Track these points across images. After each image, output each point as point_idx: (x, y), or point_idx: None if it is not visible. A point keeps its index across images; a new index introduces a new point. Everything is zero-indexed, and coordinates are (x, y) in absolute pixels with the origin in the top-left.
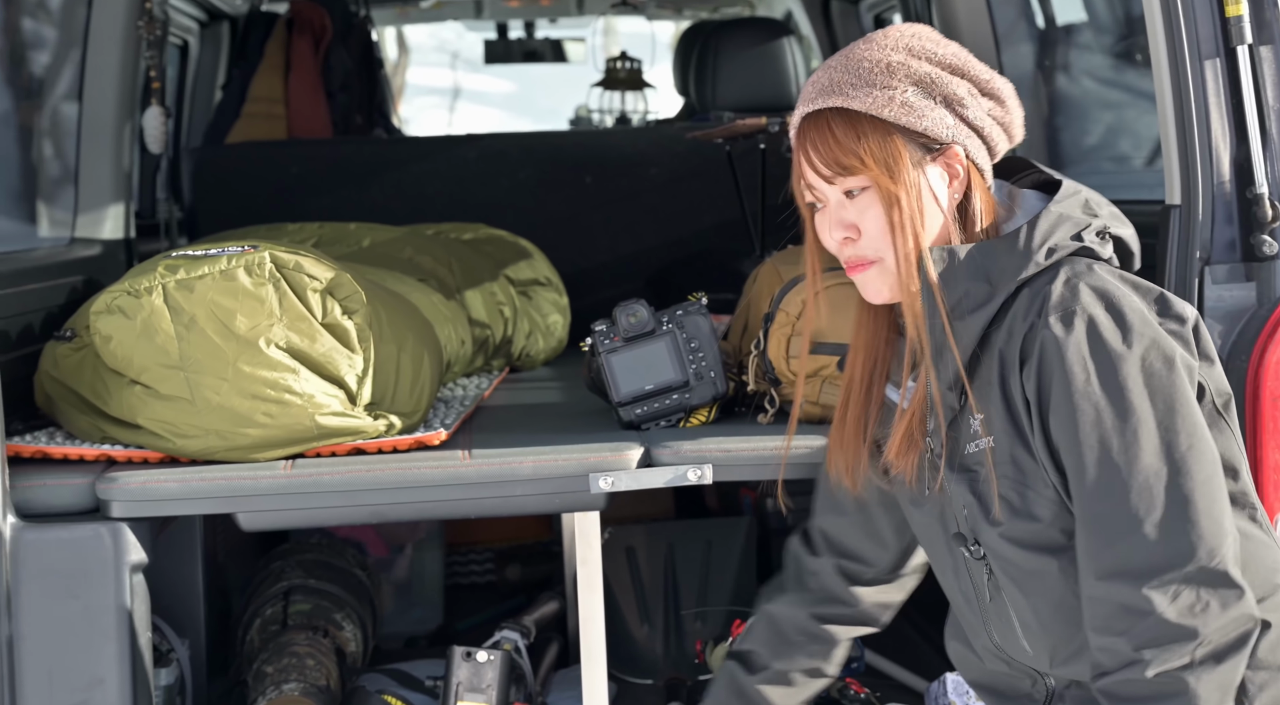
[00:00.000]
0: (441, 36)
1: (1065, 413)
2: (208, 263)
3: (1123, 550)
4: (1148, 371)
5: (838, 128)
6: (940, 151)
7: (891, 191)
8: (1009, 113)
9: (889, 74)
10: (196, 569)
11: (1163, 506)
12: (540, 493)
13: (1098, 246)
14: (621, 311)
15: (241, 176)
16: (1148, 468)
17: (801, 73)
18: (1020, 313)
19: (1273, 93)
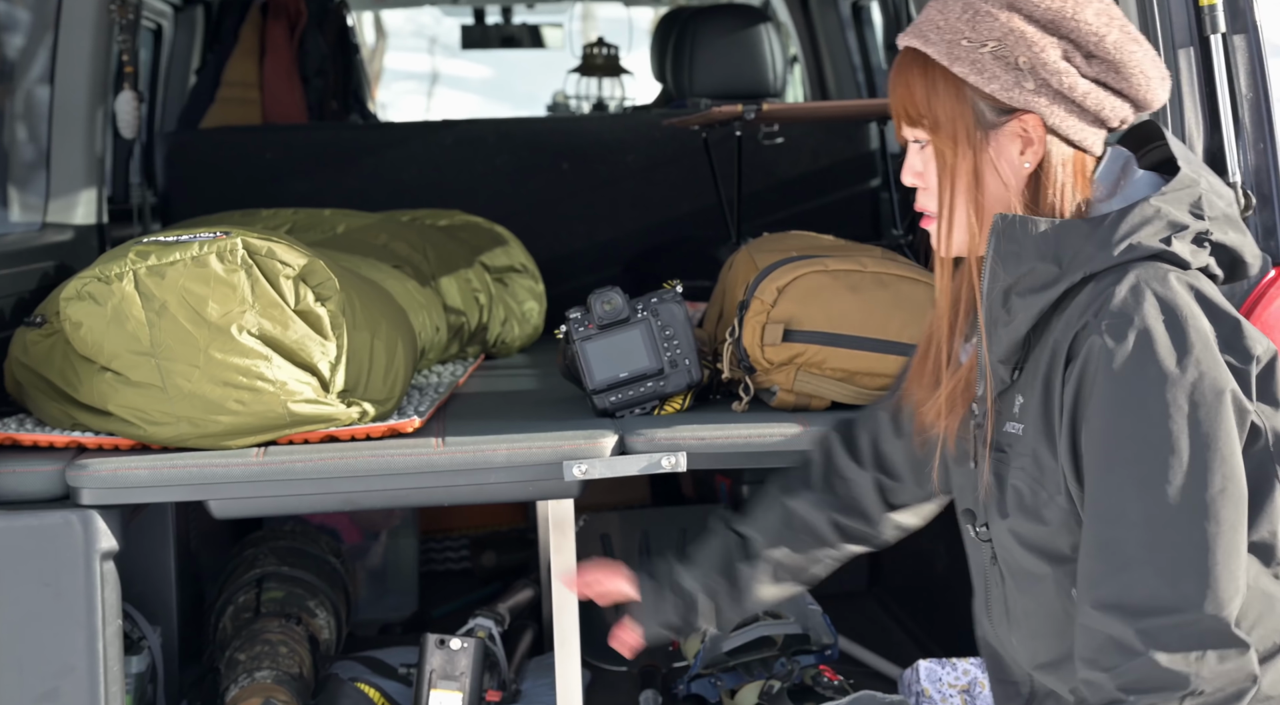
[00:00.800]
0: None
1: (1098, 426)
2: (179, 249)
3: (1126, 582)
4: (1194, 401)
5: (913, 74)
6: (1014, 116)
7: (945, 151)
8: (1127, 78)
9: (973, 25)
10: (169, 556)
11: (1178, 546)
12: (514, 480)
13: (1188, 254)
14: (596, 299)
15: (216, 162)
16: (1172, 503)
17: (778, 59)
18: (1080, 307)
19: (1245, 82)
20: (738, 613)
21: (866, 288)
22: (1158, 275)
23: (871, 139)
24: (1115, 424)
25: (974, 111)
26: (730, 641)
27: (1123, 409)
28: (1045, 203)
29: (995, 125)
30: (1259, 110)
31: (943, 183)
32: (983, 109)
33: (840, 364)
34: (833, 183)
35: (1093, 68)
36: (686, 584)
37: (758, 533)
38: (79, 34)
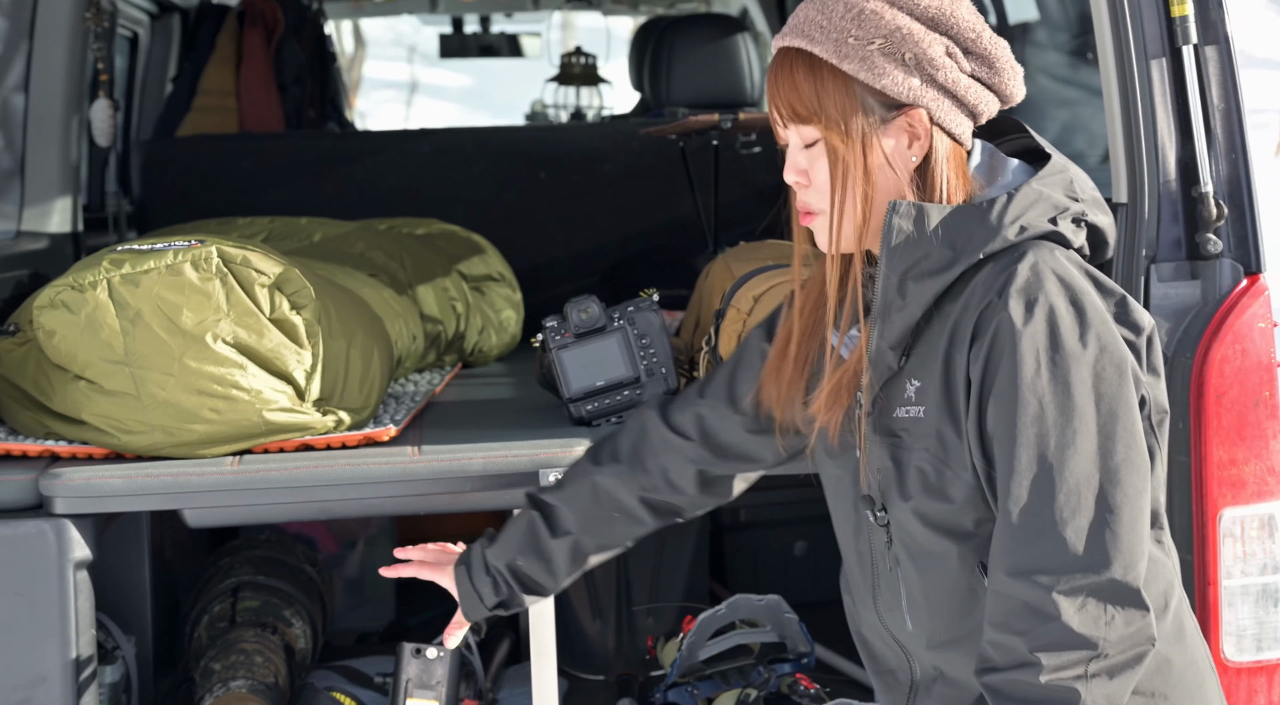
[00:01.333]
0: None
1: (1007, 401)
2: (154, 257)
3: (1039, 550)
4: (1098, 374)
5: (799, 73)
6: (901, 111)
7: (838, 148)
8: (999, 74)
9: (858, 23)
10: (143, 565)
11: (1088, 513)
12: (490, 488)
13: (1070, 233)
14: (573, 307)
15: (192, 170)
16: (1080, 471)
17: (756, 69)
18: (980, 287)
19: (1217, 92)
20: (554, 585)
21: None
22: (1052, 255)
23: None
24: (1024, 398)
25: (864, 107)
26: (707, 650)
27: (1032, 383)
28: (933, 195)
29: (885, 120)
30: (1230, 121)
31: (834, 179)
32: (872, 105)
33: None
34: None
35: (970, 63)
36: (495, 564)
37: (562, 505)
38: (54, 42)
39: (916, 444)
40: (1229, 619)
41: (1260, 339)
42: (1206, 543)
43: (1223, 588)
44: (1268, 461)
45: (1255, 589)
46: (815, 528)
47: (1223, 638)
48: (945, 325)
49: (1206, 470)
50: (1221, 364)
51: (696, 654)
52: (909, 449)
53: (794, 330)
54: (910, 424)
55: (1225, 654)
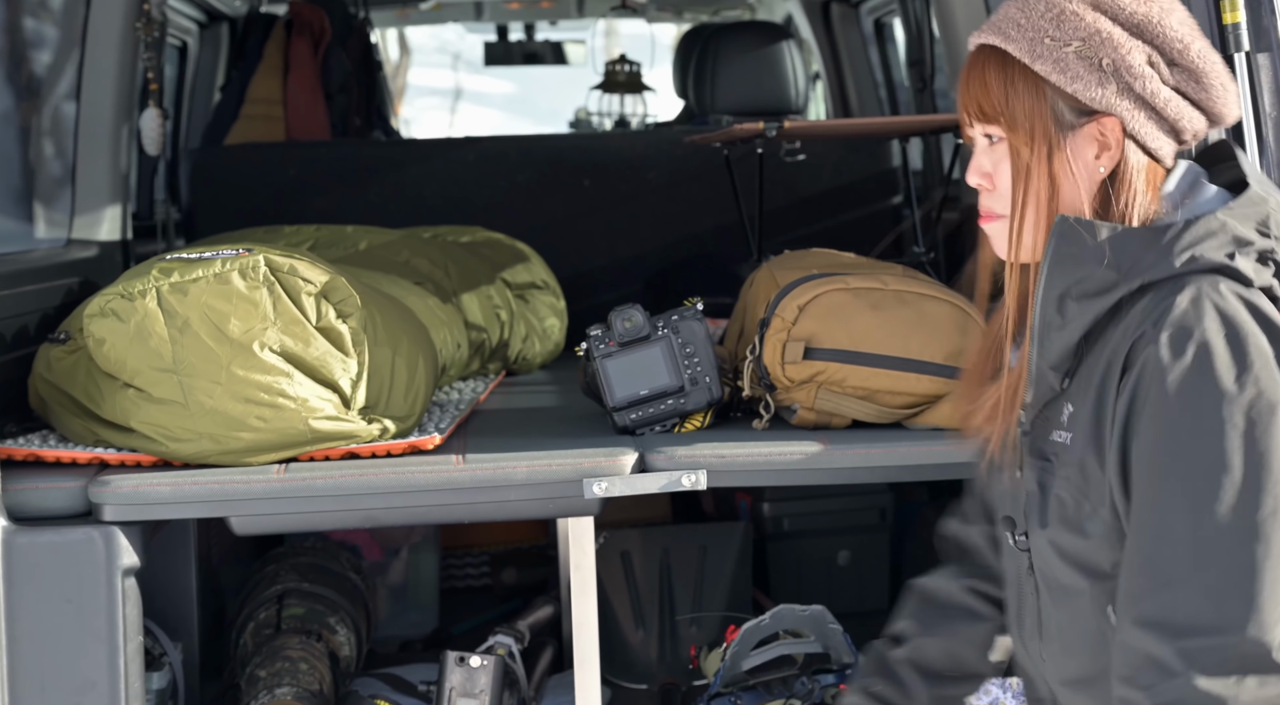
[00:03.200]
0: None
1: (1150, 439)
2: (202, 266)
3: (1168, 600)
4: (1251, 420)
5: (991, 70)
6: (1093, 118)
7: (1021, 150)
8: (1206, 90)
9: (1058, 24)
10: (190, 572)
11: (1225, 567)
12: (534, 498)
13: (1250, 270)
14: (617, 316)
15: (239, 178)
16: (1221, 522)
17: (800, 76)
18: (1138, 315)
19: (1269, 100)
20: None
21: (888, 305)
22: (1218, 289)
23: (894, 156)
24: (1168, 438)
25: (1053, 111)
26: (750, 660)
27: (1177, 423)
28: (1116, 210)
29: (1073, 126)
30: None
31: (1016, 182)
32: (1062, 109)
33: (861, 382)
34: (855, 200)
35: (1174, 76)
36: (849, 700)
37: (902, 621)
38: (104, 51)
39: (1060, 471)
40: None
41: None
42: None
43: None
44: None
45: None
46: (859, 537)
47: None
48: (1104, 352)
49: None
50: None
51: (740, 664)
52: (1054, 475)
53: (980, 344)
54: (1060, 449)
55: None
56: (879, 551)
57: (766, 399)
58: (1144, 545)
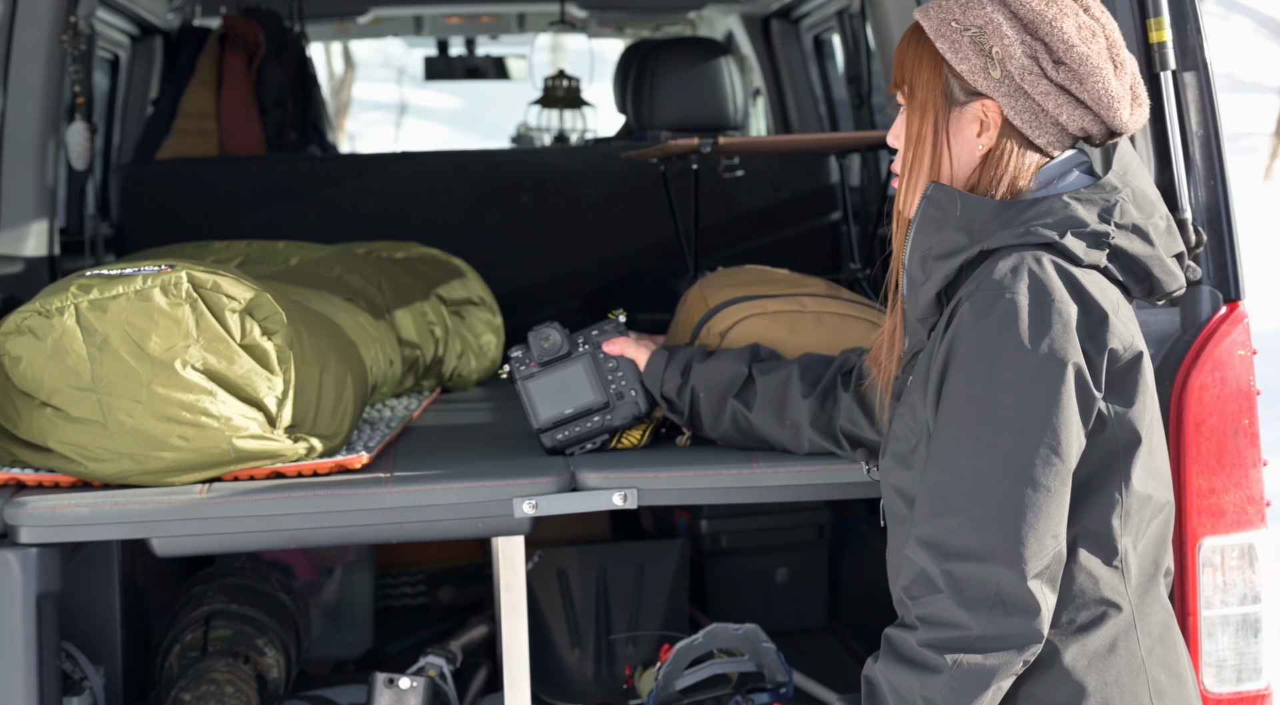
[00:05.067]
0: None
1: (951, 383)
2: (122, 282)
3: (943, 526)
4: (1035, 377)
5: (908, 42)
6: (977, 98)
7: (913, 117)
8: (1088, 90)
9: (965, 9)
10: (113, 594)
11: (996, 503)
12: (463, 517)
13: (1080, 250)
14: (534, 336)
15: (172, 193)
16: (993, 462)
17: (739, 92)
18: (972, 278)
19: (1195, 119)
20: (703, 429)
21: (805, 328)
22: (1039, 261)
23: (832, 172)
24: (965, 383)
25: (945, 86)
26: (684, 679)
27: (973, 370)
28: (983, 184)
29: (960, 103)
30: (1210, 147)
31: (907, 145)
32: (953, 86)
33: None
34: (794, 216)
35: (1059, 73)
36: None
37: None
38: (29, 64)
39: (900, 410)
40: (1209, 649)
41: (1239, 366)
42: (1186, 572)
43: (1202, 618)
44: (1247, 490)
45: (1235, 619)
46: (797, 554)
47: (1203, 669)
48: (947, 309)
49: (1186, 499)
50: (1201, 392)
51: (673, 683)
52: (899, 416)
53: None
54: (906, 392)
55: (1206, 685)
56: (817, 568)
57: None
58: (931, 474)
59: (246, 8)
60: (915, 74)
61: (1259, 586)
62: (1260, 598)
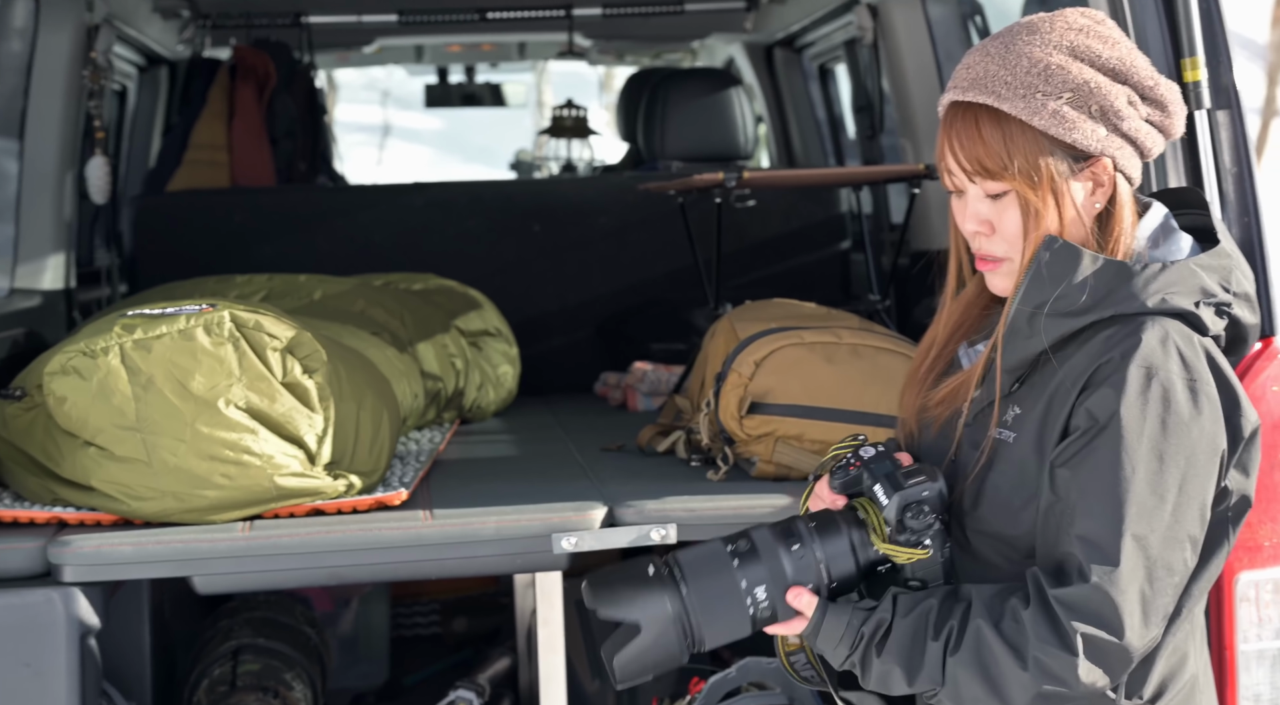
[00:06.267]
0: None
1: (1101, 459)
2: (165, 322)
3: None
4: (1190, 460)
5: (986, 128)
6: (1089, 162)
7: (1033, 201)
8: (1171, 117)
9: (1046, 79)
10: (143, 630)
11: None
12: (502, 553)
13: (1209, 320)
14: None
15: (184, 224)
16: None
17: (749, 123)
18: (1104, 341)
19: (1229, 156)
20: None
21: (842, 359)
22: (1184, 335)
23: (841, 202)
24: (1121, 461)
25: (1054, 160)
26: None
27: (1130, 450)
28: (1109, 242)
29: (1074, 171)
30: (1243, 184)
31: (1028, 229)
32: (1061, 157)
33: (818, 436)
34: (803, 245)
35: (1147, 109)
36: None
37: None
38: (49, 99)
39: (999, 465)
40: (1245, 683)
41: (1275, 402)
42: (1223, 607)
43: (1239, 652)
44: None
45: (1271, 653)
46: None
47: (1240, 703)
48: (1061, 367)
49: None
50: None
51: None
52: (991, 467)
53: (936, 338)
54: (1000, 445)
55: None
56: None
57: (725, 451)
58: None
59: (257, 39)
60: (1014, 158)
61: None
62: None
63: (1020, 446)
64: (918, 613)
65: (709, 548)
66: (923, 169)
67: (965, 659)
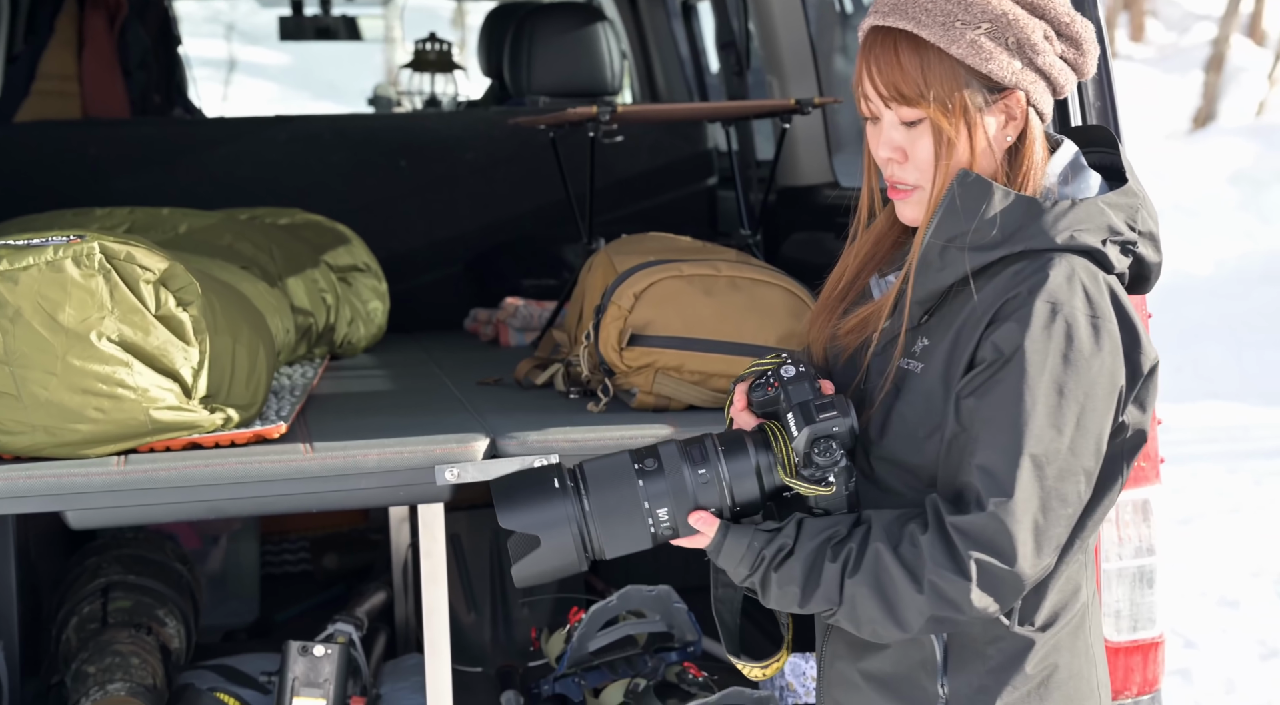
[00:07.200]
0: (215, 7)
1: (1006, 391)
2: (32, 253)
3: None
4: (1089, 394)
5: (904, 54)
6: (1002, 94)
7: (946, 130)
8: (1084, 55)
9: (966, 8)
10: (9, 567)
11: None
12: (385, 485)
13: (1114, 258)
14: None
15: (34, 157)
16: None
17: (616, 58)
18: (1011, 276)
19: (1093, 90)
20: None
21: (721, 292)
22: (1090, 272)
23: (708, 138)
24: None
25: (969, 90)
26: (596, 641)
27: (1032, 382)
28: (1018, 177)
29: (988, 102)
30: (1106, 117)
31: (939, 157)
32: (976, 87)
33: (697, 367)
34: (671, 181)
35: (1061, 45)
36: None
37: None
38: None
39: (906, 395)
40: (1107, 601)
41: None
42: None
43: (1102, 571)
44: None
45: (1131, 571)
46: None
47: (1102, 617)
48: (968, 300)
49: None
50: None
51: (586, 645)
52: (897, 397)
53: (847, 269)
54: (907, 375)
55: (1104, 635)
56: None
57: (605, 383)
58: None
59: None
60: (932, 85)
61: (1152, 540)
62: (1154, 550)
63: (927, 377)
64: (820, 539)
65: (615, 461)
66: (793, 104)
67: (863, 580)
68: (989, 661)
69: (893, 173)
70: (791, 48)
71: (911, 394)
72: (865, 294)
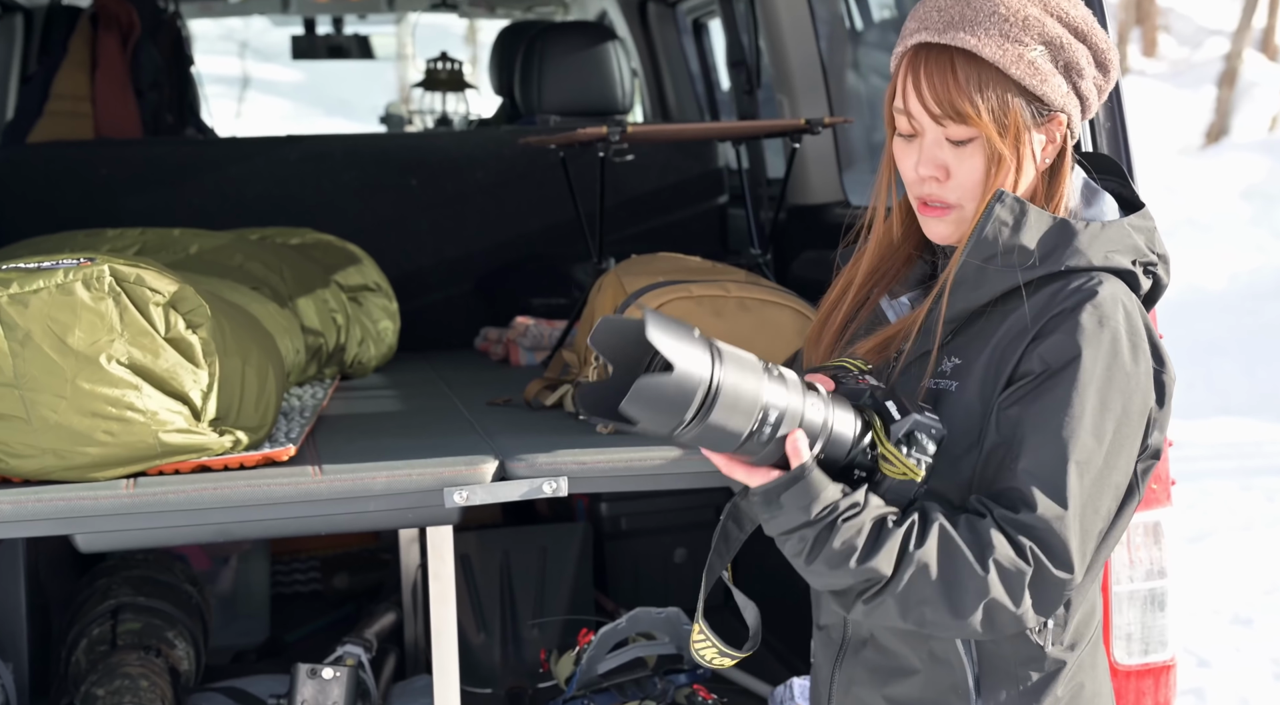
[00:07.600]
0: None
1: (1052, 401)
2: (42, 276)
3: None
4: (1126, 410)
5: (962, 71)
6: (1047, 118)
7: (1000, 149)
8: (1109, 82)
9: (1024, 29)
10: (19, 588)
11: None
12: (393, 508)
13: (1141, 279)
14: None
15: (47, 177)
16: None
17: (626, 77)
18: (1051, 295)
19: (1102, 112)
20: None
21: (730, 313)
22: (1126, 293)
23: (719, 157)
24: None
25: (1022, 110)
26: (606, 663)
27: (1081, 393)
28: (1055, 198)
29: (1037, 125)
30: (1116, 141)
31: (989, 177)
32: (1028, 108)
33: None
34: (681, 200)
35: (1094, 71)
36: None
37: None
38: None
39: (942, 413)
40: (1119, 623)
41: None
42: None
43: (1113, 593)
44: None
45: (1142, 594)
46: (695, 534)
47: (1113, 642)
48: (1004, 319)
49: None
50: None
51: (595, 667)
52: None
53: (852, 285)
54: (942, 395)
55: (1115, 658)
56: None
57: None
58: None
59: None
60: (988, 103)
61: (1164, 562)
62: (1166, 573)
63: (965, 395)
64: (886, 509)
65: (747, 354)
66: (803, 123)
67: (929, 551)
68: (1021, 683)
69: (930, 191)
70: (802, 66)
71: (949, 412)
72: (877, 315)
